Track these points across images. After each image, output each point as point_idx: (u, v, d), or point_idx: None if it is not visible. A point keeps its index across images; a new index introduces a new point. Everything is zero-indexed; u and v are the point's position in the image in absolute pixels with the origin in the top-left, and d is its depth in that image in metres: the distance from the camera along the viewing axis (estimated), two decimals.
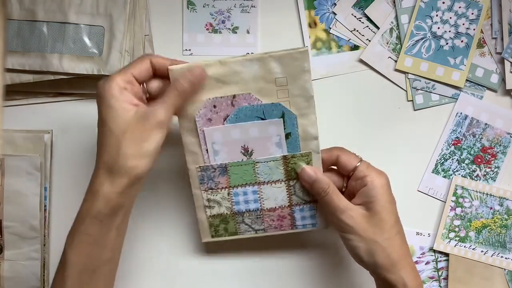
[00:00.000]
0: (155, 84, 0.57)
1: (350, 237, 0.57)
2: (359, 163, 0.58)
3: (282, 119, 0.58)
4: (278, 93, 0.57)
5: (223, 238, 0.63)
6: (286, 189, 0.61)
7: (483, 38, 0.69)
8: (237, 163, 0.59)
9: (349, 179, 0.60)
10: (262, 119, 0.58)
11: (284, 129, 0.58)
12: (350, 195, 0.59)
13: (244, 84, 0.57)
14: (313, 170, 0.59)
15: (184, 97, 0.56)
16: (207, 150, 0.59)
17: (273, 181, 0.60)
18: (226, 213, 0.62)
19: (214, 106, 0.58)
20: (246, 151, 0.59)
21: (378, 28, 0.69)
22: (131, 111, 0.53)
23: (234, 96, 0.57)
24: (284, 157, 0.59)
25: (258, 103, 0.57)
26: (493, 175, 0.68)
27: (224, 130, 0.58)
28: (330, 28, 0.69)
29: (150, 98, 0.58)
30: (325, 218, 0.62)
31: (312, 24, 0.69)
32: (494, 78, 0.68)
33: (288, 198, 0.61)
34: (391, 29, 0.69)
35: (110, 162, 0.53)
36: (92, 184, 0.54)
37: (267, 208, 0.62)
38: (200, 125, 0.58)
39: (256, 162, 0.59)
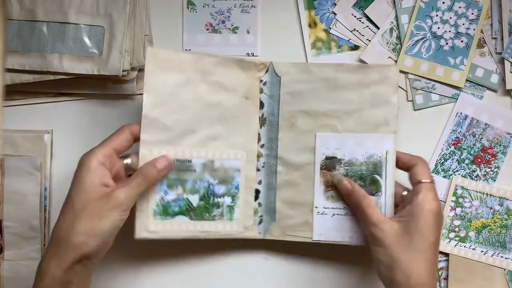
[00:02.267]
0: (135, 159, 0.59)
1: (375, 249, 0.57)
2: (425, 181, 0.57)
3: None
4: None
5: None
6: None
7: (483, 38, 0.68)
8: None
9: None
10: None
11: None
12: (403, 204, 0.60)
13: None
14: (349, 182, 0.61)
15: (150, 184, 0.57)
16: None
17: None
18: None
19: None
20: None
21: (378, 28, 0.69)
22: (97, 188, 0.54)
23: None
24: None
25: None
26: (493, 175, 0.68)
27: None
28: (330, 28, 0.69)
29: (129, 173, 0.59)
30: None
31: (312, 24, 0.69)
32: (494, 78, 0.68)
33: None
34: (391, 29, 0.69)
35: (61, 236, 0.53)
36: (42, 260, 0.54)
37: None
38: None
39: None
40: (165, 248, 0.68)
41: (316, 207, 0.64)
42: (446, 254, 0.68)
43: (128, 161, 0.59)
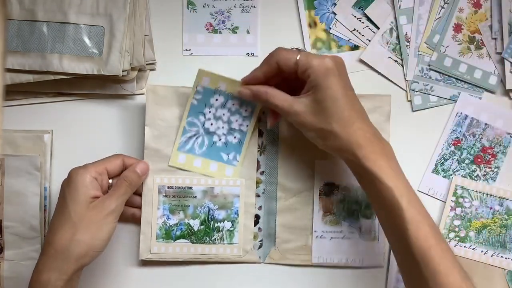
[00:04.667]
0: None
1: (302, 130, 0.59)
2: (298, 56, 0.56)
3: None
4: None
5: None
6: None
7: (481, 39, 0.69)
8: None
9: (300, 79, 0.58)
10: None
11: None
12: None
13: None
14: (247, 88, 0.60)
15: (133, 189, 0.61)
16: None
17: None
18: None
19: None
20: None
21: (378, 28, 0.69)
22: (91, 201, 0.57)
23: None
24: None
25: None
26: (493, 175, 0.68)
27: None
28: (330, 28, 0.69)
29: None
30: None
31: (312, 24, 0.69)
32: (493, 80, 0.69)
33: None
34: (391, 29, 0.69)
35: (61, 248, 0.55)
36: (38, 273, 0.56)
37: None
38: None
39: None
40: None
41: (315, 231, 0.67)
42: None
43: (111, 181, 0.62)
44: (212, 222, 0.66)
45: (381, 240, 0.67)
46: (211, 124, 0.65)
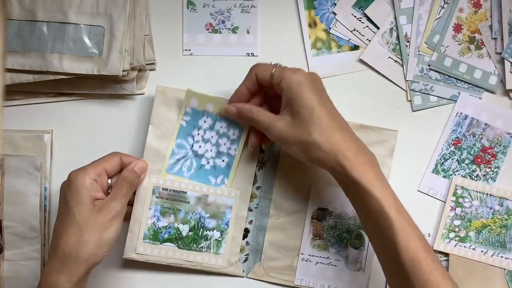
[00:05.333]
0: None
1: (285, 146, 0.58)
2: (274, 70, 0.58)
3: None
4: None
5: None
6: None
7: (481, 39, 0.69)
8: None
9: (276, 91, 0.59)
10: None
11: None
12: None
13: None
14: (233, 105, 0.62)
15: (133, 189, 0.61)
16: None
17: None
18: None
19: None
20: None
21: (378, 28, 0.69)
22: (95, 202, 0.58)
23: None
24: None
25: None
26: (493, 175, 0.68)
27: None
28: (330, 28, 0.69)
29: None
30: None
31: (312, 24, 0.69)
32: (493, 80, 0.68)
33: None
34: (391, 29, 0.69)
35: (69, 250, 0.55)
36: (47, 276, 0.56)
37: None
38: None
39: None
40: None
41: (302, 253, 0.67)
42: (446, 254, 0.68)
43: (110, 181, 0.61)
44: (201, 229, 0.65)
45: (366, 272, 0.67)
46: (200, 146, 0.65)
